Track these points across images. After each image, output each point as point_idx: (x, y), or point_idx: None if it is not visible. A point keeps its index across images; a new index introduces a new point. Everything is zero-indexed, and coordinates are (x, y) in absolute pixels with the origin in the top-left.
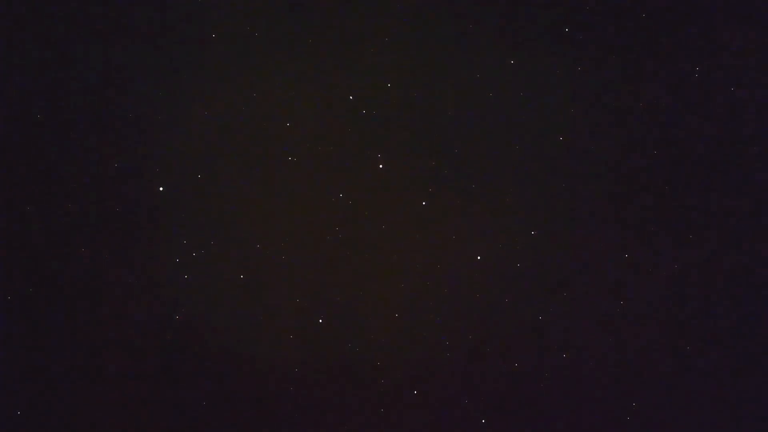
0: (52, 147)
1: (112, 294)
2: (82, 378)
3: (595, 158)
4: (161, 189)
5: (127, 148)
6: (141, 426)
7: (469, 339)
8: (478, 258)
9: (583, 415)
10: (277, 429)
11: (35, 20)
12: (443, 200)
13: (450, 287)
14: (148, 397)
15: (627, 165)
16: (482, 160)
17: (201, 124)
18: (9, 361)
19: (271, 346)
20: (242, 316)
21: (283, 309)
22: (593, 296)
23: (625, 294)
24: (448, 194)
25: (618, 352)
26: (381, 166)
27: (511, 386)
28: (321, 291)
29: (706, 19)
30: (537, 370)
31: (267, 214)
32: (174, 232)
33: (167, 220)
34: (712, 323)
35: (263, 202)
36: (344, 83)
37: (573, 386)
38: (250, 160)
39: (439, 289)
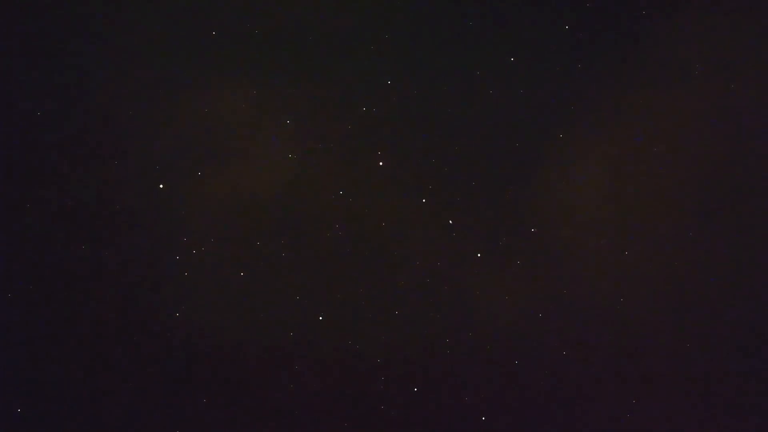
0: (52, 145)
1: (111, 292)
2: (81, 376)
3: (596, 156)
4: (161, 187)
5: (126, 146)
6: (141, 424)
7: (469, 336)
8: (478, 255)
9: (583, 412)
10: (277, 427)
11: (35, 19)
12: (443, 198)
13: (450, 284)
14: (148, 395)
15: (626, 163)
16: (482, 157)
17: (201, 122)
18: (9, 360)
19: (271, 344)
20: (242, 313)
21: (283, 306)
22: (593, 294)
23: (626, 292)
24: (448, 192)
25: (618, 349)
26: (381, 163)
27: (511, 384)
28: (321, 288)
29: (706, 17)
30: (537, 367)
31: (267, 212)
32: (174, 229)
33: (167, 217)
34: (713, 322)
35: (263, 199)
36: (344, 81)
37: (573, 384)
38: (250, 157)
39: (440, 287)
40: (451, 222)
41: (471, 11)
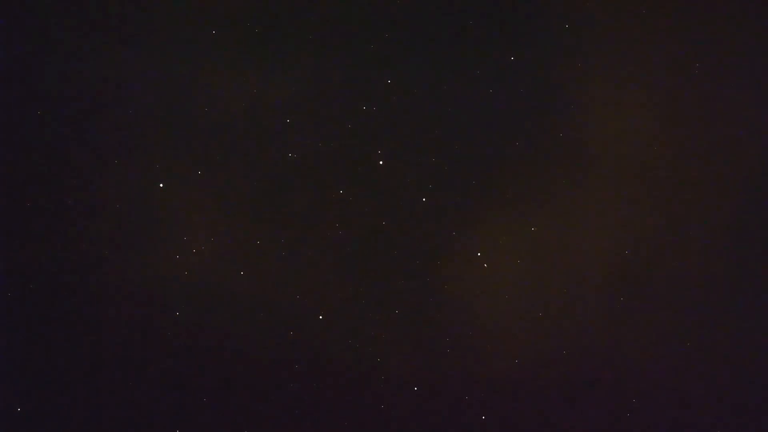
0: (52, 144)
1: (112, 291)
2: (82, 376)
3: (596, 156)
4: (161, 186)
5: (126, 145)
6: (141, 424)
7: (469, 335)
8: (478, 254)
9: (584, 413)
10: (277, 426)
11: (35, 19)
12: (443, 197)
13: (449, 284)
14: (148, 395)
15: (627, 163)
16: (482, 157)
17: (201, 121)
18: (9, 360)
19: (271, 343)
20: (242, 312)
21: (283, 306)
22: (593, 293)
23: (626, 292)
24: (448, 191)
25: (618, 349)
26: (381, 162)
27: (511, 383)
28: (321, 288)
29: (706, 17)
30: (537, 367)
31: (267, 211)
32: (174, 229)
33: (167, 217)
34: (713, 322)
35: (263, 198)
36: (344, 80)
37: (573, 384)
38: (250, 156)
39: (439, 286)
40: (450, 221)
41: (471, 11)
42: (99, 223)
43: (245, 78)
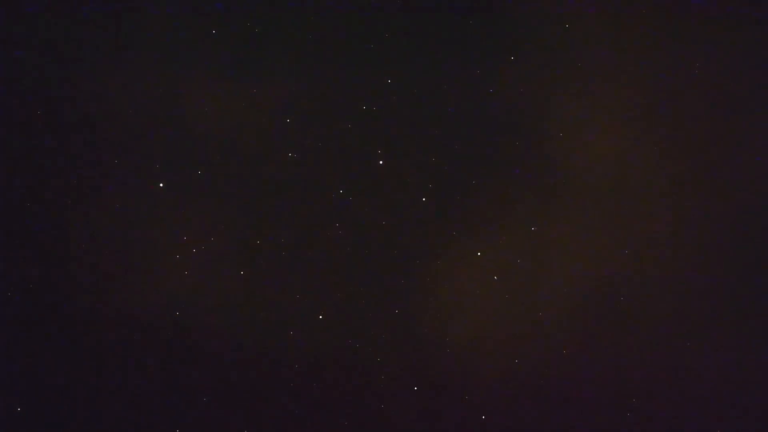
0: (52, 144)
1: (112, 291)
2: (82, 376)
3: (595, 156)
4: (161, 185)
5: (127, 144)
6: (141, 424)
7: (468, 335)
8: (478, 254)
9: (583, 412)
10: (277, 425)
11: (35, 19)
12: (443, 197)
13: (449, 283)
14: (148, 395)
15: (626, 162)
16: (482, 157)
17: (201, 121)
18: (9, 360)
19: (271, 343)
20: (242, 312)
21: (283, 305)
22: (593, 292)
23: (626, 292)
24: (448, 191)
25: (618, 349)
26: (381, 162)
27: (511, 383)
28: (321, 287)
29: (706, 17)
30: (537, 367)
31: (267, 210)
32: (174, 228)
33: (167, 216)
34: (713, 321)
35: (263, 198)
36: (345, 79)
37: (573, 384)
38: (250, 156)
39: (439, 286)
40: (450, 221)
41: (471, 11)
42: (99, 223)
43: (245, 78)
